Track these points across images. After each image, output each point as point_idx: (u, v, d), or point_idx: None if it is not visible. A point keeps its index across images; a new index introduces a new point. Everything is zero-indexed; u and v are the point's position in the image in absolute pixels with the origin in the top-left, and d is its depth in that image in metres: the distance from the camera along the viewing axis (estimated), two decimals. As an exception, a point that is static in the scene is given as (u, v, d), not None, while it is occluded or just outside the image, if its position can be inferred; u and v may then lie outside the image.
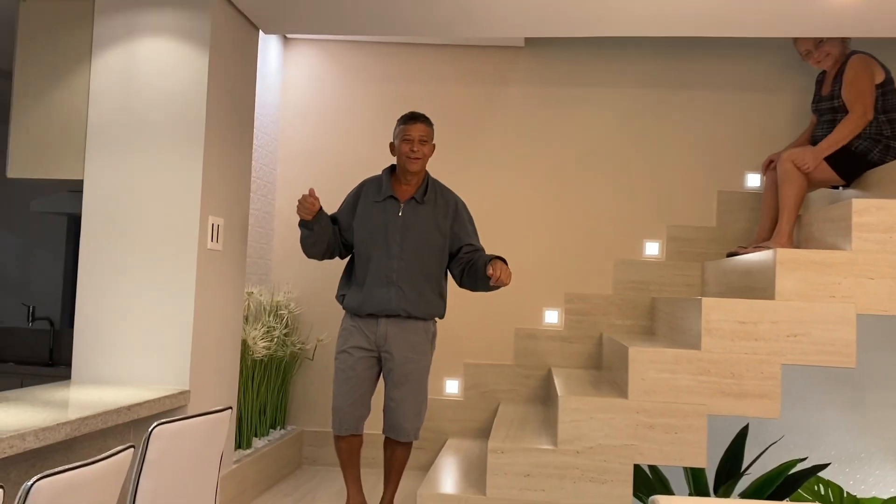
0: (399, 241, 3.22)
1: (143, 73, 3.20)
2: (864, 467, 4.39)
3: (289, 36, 4.83)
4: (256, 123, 4.37)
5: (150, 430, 2.26)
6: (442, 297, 3.35)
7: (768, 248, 3.71)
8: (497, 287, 3.17)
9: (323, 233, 3.23)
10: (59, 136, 3.25)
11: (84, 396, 2.81)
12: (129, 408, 2.70)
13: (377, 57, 4.87)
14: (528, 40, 4.76)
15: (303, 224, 3.21)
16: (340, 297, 3.35)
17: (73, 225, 5.36)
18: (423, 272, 3.25)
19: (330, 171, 4.84)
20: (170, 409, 3.03)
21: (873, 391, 4.42)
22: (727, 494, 3.81)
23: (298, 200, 3.15)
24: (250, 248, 4.34)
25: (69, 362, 5.21)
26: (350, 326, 3.31)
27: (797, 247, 3.88)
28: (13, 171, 3.24)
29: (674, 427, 3.22)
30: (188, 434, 2.43)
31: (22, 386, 4.99)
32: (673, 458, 3.22)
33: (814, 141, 3.98)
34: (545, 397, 4.61)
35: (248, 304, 4.09)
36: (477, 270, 3.23)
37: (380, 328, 3.25)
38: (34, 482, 1.69)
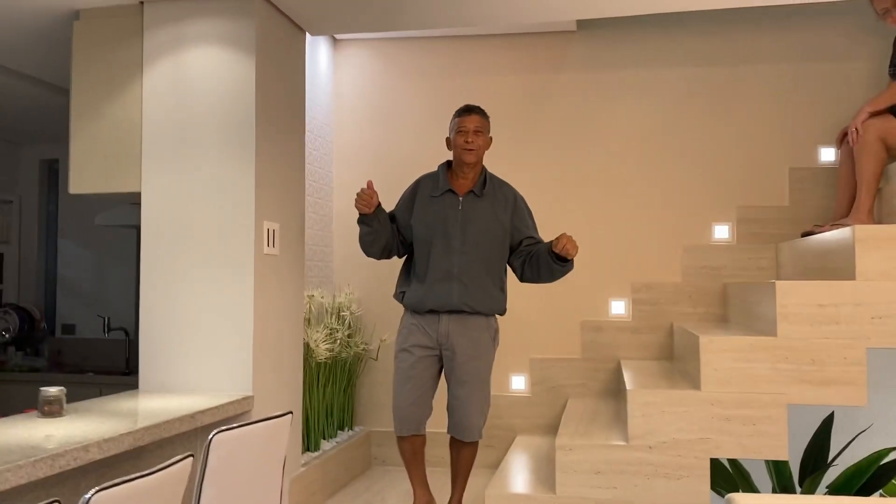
0: (460, 236, 3.15)
1: (192, 82, 3.22)
2: (965, 454, 4.10)
3: (337, 37, 4.82)
4: (309, 127, 4.37)
5: (209, 438, 2.26)
6: (503, 291, 3.26)
7: (847, 225, 3.49)
8: (562, 268, 3.09)
9: (382, 229, 3.17)
10: (116, 150, 3.30)
11: (149, 405, 2.84)
12: (193, 415, 2.72)
13: (426, 52, 4.81)
14: (581, 23, 4.62)
15: (361, 220, 3.16)
16: (400, 295, 3.29)
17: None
18: (485, 266, 3.17)
19: (385, 171, 4.81)
20: (234, 416, 3.04)
21: (971, 373, 4.13)
22: (813, 487, 3.61)
23: (357, 194, 3.10)
24: (310, 251, 4.34)
25: (143, 371, 5.33)
26: (410, 324, 3.24)
27: (878, 223, 3.64)
28: (75, 187, 3.31)
29: (752, 418, 3.06)
30: (248, 441, 2.42)
31: (101, 395, 5.14)
32: (752, 451, 3.06)
33: (892, 110, 3.73)
34: (615, 391, 4.47)
35: (310, 306, 4.09)
36: (539, 259, 3.14)
37: (441, 325, 3.18)
38: (92, 495, 1.69)
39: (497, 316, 3.31)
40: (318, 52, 4.54)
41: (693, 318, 4.42)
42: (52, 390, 2.58)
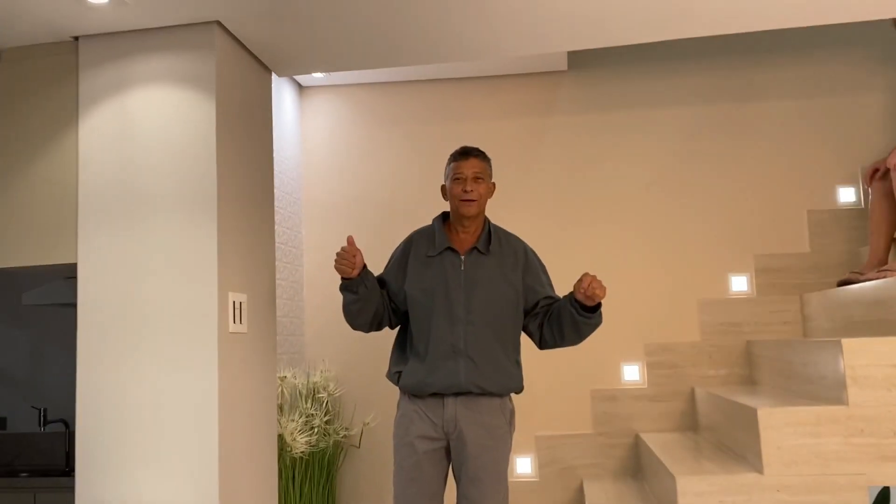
0: (464, 302, 2.61)
1: (139, 130, 2.69)
2: None
3: (303, 84, 4.35)
4: (276, 182, 3.85)
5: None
6: (519, 365, 2.70)
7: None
8: (589, 319, 2.56)
9: (371, 296, 2.63)
10: (47, 215, 2.73)
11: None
12: (144, 549, 2.10)
13: (402, 98, 4.36)
14: (572, 62, 4.24)
15: (345, 286, 2.60)
16: (395, 376, 2.70)
17: (82, 315, 4.83)
18: (496, 337, 2.63)
19: (362, 229, 4.28)
20: (197, 540, 2.42)
21: None
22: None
23: (336, 254, 2.55)
24: (279, 324, 3.77)
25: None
26: (410, 411, 2.65)
27: (931, 266, 3.24)
28: (-5, 260, 2.72)
29: (827, 506, 2.55)
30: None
31: (35, 502, 4.41)
32: (831, 546, 2.55)
33: (928, 140, 3.38)
34: (634, 469, 3.94)
35: (281, 390, 3.50)
36: (561, 315, 2.62)
37: (447, 410, 2.60)
38: None
39: (512, 395, 2.76)
40: (283, 100, 4.06)
41: (715, 382, 3.95)
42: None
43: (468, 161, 2.69)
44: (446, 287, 2.63)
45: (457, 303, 2.61)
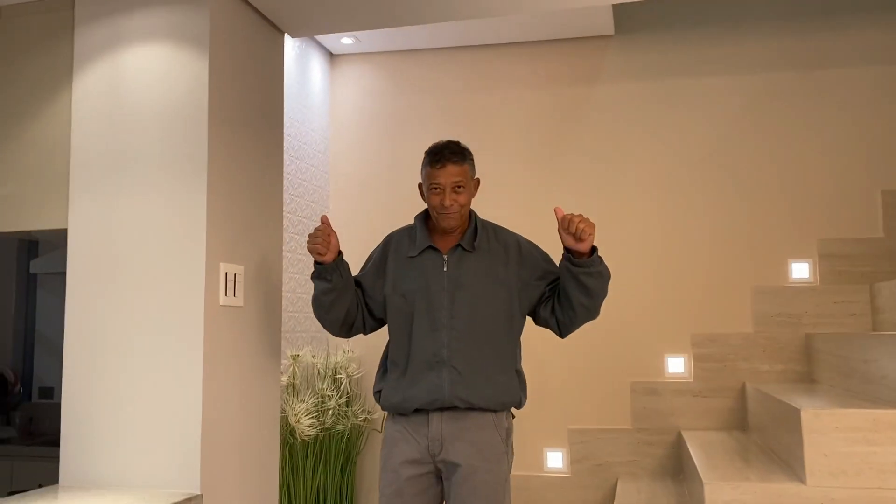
0: (447, 306, 2.30)
1: (130, 90, 2.55)
2: None
3: (334, 52, 4.16)
4: (300, 154, 3.68)
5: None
6: (519, 375, 2.37)
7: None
8: (588, 269, 2.19)
9: (345, 289, 2.36)
10: (40, 179, 2.62)
11: (52, 515, 2.10)
12: (101, 532, 1.96)
13: (437, 66, 4.12)
14: (619, 26, 3.91)
15: (317, 274, 2.35)
16: (377, 395, 2.42)
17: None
18: (487, 344, 2.31)
19: (391, 205, 4.08)
20: (172, 524, 2.27)
21: None
22: None
23: (309, 235, 2.30)
24: (298, 300, 3.60)
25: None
26: (394, 433, 2.36)
27: None
28: (-11, 224, 2.64)
29: (881, 525, 2.21)
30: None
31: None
32: (884, 571, 2.20)
33: None
34: (675, 470, 3.62)
35: (294, 369, 3.33)
36: (564, 282, 2.28)
37: (432, 428, 2.28)
38: None
39: (513, 410, 2.40)
40: (311, 70, 3.88)
41: (770, 377, 3.58)
42: None
43: (445, 169, 2.31)
44: (427, 290, 2.33)
45: (439, 307, 2.31)
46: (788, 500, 2.27)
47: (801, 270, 3.65)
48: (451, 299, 2.31)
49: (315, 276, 2.36)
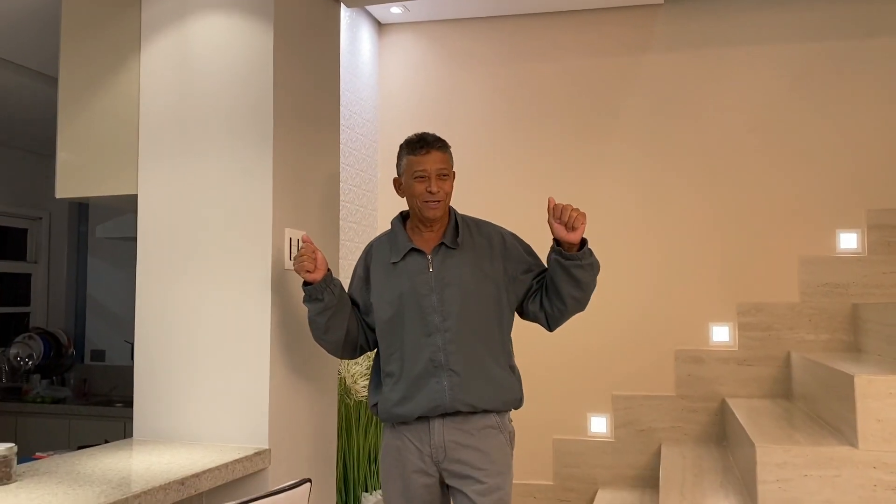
0: (438, 307, 2.22)
1: (198, 59, 2.62)
2: None
3: (383, 21, 4.20)
4: (349, 124, 3.75)
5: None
6: (514, 371, 2.30)
7: None
8: (580, 262, 2.13)
9: (339, 307, 2.27)
10: (110, 146, 2.72)
11: (133, 465, 2.21)
12: (183, 482, 2.07)
13: (485, 35, 4.14)
14: (670, -5, 3.90)
15: (308, 296, 2.26)
16: (374, 408, 2.32)
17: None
18: (482, 342, 2.23)
19: (439, 174, 4.15)
20: (244, 476, 2.38)
21: None
22: None
23: (294, 257, 2.21)
24: (349, 267, 3.69)
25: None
26: (393, 444, 2.27)
27: None
28: (62, 191, 2.74)
29: (932, 489, 2.25)
30: (247, 525, 1.76)
31: (125, 431, 4.61)
32: (934, 533, 2.25)
33: None
34: (718, 436, 3.67)
35: (348, 334, 3.43)
36: (553, 274, 2.21)
37: (434, 435, 2.21)
38: None
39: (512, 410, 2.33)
40: (361, 39, 3.93)
41: (815, 346, 3.61)
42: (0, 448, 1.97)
43: (430, 155, 2.26)
44: (415, 294, 2.24)
45: (430, 310, 2.22)
46: (840, 462, 2.32)
47: (849, 241, 3.65)
48: (441, 300, 2.23)
49: (306, 299, 2.27)
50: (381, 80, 4.25)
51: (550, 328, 2.32)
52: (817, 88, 3.75)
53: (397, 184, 2.33)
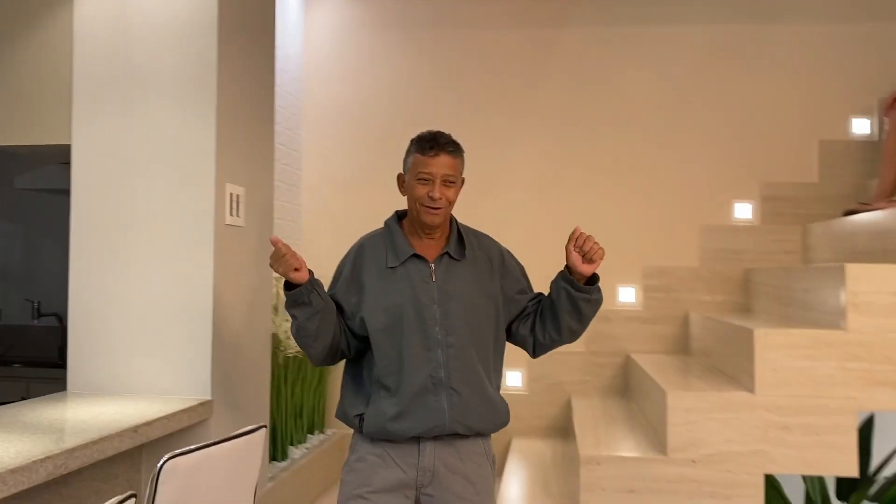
0: (441, 321, 2.04)
1: (137, 6, 2.57)
2: None
3: (310, -20, 4.18)
4: (277, 80, 3.74)
5: (158, 465, 1.66)
6: (499, 392, 2.16)
7: (907, 202, 3.04)
8: (589, 295, 2.06)
9: (326, 308, 2.01)
10: (40, 93, 2.63)
11: (79, 415, 2.22)
12: (136, 429, 2.10)
13: (411, 2, 4.20)
14: (590, -28, 4.08)
15: (293, 301, 1.97)
16: (356, 419, 2.07)
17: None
18: (480, 361, 2.08)
19: (362, 134, 4.20)
20: (188, 427, 2.43)
21: None
22: (859, 502, 3.17)
23: (272, 256, 1.96)
24: (275, 226, 3.72)
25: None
26: (371, 457, 2.05)
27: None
28: (-14, 138, 2.65)
29: (815, 428, 2.57)
30: (212, 467, 1.82)
31: (28, 392, 4.45)
32: (815, 466, 2.58)
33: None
34: (622, 388, 3.97)
35: (276, 291, 3.47)
36: (556, 302, 2.10)
37: (424, 458, 2.03)
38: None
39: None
40: (288, -4, 3.90)
41: (711, 307, 3.94)
42: (-56, 398, 1.94)
43: (438, 158, 2.04)
44: (417, 303, 2.05)
45: (432, 322, 2.04)
46: (740, 406, 2.61)
47: (744, 211, 3.99)
48: (445, 313, 2.05)
49: (292, 305, 1.99)
50: (306, 37, 4.24)
51: (535, 355, 2.21)
52: (719, 69, 4.04)
53: (401, 181, 2.13)
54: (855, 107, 3.95)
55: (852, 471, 2.56)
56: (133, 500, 1.50)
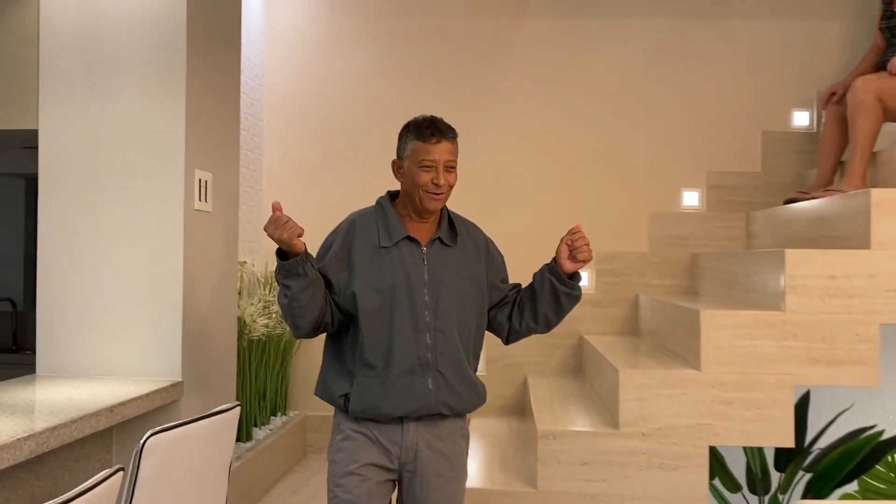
0: (431, 304, 2.08)
1: (106, -6, 2.60)
2: (928, 431, 3.99)
3: (271, -34, 4.21)
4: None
5: (141, 442, 1.73)
6: (475, 372, 2.22)
7: (841, 190, 3.24)
8: (571, 290, 2.15)
9: (318, 279, 2.03)
10: (5, 78, 2.64)
11: (52, 396, 2.26)
12: (112, 409, 2.16)
13: (373, -11, 4.27)
14: (547, -35, 4.19)
15: (287, 271, 1.98)
16: (342, 399, 2.11)
17: (33, 188, 4.71)
18: (463, 345, 2.13)
19: (323, 120, 4.25)
20: (160, 407, 2.49)
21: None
22: (795, 472, 3.39)
23: (270, 220, 1.96)
24: (244, 211, 3.76)
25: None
26: (356, 434, 2.11)
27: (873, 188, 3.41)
28: (-51, 122, 2.64)
29: (756, 402, 2.76)
30: (190, 443, 1.90)
31: (-17, 376, 4.41)
32: (756, 437, 2.76)
33: (882, 66, 3.50)
34: (576, 368, 4.14)
35: (242, 275, 3.53)
36: (537, 293, 2.18)
37: (407, 437, 2.10)
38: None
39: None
40: (250, -19, 3.93)
41: (659, 290, 4.13)
42: (-79, 380, 1.97)
43: (440, 145, 2.08)
44: (409, 286, 2.09)
45: (422, 305, 2.08)
46: (687, 382, 2.78)
47: (691, 199, 4.18)
48: (435, 297, 2.09)
49: (285, 276, 1.99)
50: (268, 23, 4.26)
51: (507, 341, 2.28)
52: (669, 62, 4.20)
53: (396, 167, 2.14)
54: (796, 100, 4.16)
55: (789, 442, 2.75)
56: (121, 473, 1.57)
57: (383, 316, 2.07)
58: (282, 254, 2.00)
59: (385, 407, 2.06)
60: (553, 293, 2.14)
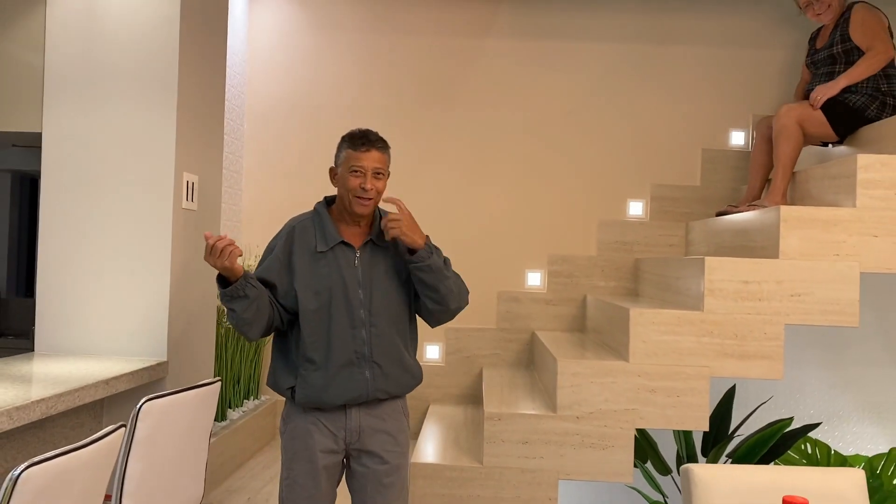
0: (365, 303, 2.30)
1: (106, 8, 2.90)
2: (843, 425, 4.42)
3: (255, -19, 4.51)
4: (224, 75, 4.07)
5: (138, 406, 2.05)
6: (415, 354, 2.48)
7: (763, 206, 3.63)
8: (419, 263, 2.29)
9: (261, 296, 2.22)
10: (11, 84, 2.92)
11: (53, 370, 2.56)
12: (108, 381, 2.47)
13: (348, 6, 4.59)
14: (510, -10, 4.55)
15: (230, 295, 2.17)
16: (289, 391, 2.33)
17: (19, 183, 4.98)
18: (399, 335, 2.36)
19: (301, 126, 4.57)
20: (147, 383, 2.80)
21: (852, 348, 4.43)
22: (718, 456, 3.78)
23: (206, 252, 2.13)
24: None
25: (20, 334, 4.88)
26: (306, 425, 2.31)
27: (792, 205, 3.81)
28: (-40, 123, 2.93)
29: (676, 390, 3.13)
30: (178, 410, 2.22)
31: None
32: (675, 422, 3.14)
33: (806, 96, 3.90)
34: (528, 361, 4.50)
35: (221, 268, 3.84)
36: (418, 279, 2.34)
37: (350, 421, 2.32)
38: (23, 470, 1.48)
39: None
40: (234, -4, 4.23)
41: (605, 291, 4.50)
42: (-58, 352, 2.26)
43: (369, 154, 2.28)
44: (344, 287, 2.28)
45: (357, 304, 2.28)
46: (616, 372, 3.14)
47: (636, 208, 4.56)
48: (368, 296, 2.30)
49: (229, 300, 2.18)
50: (250, 35, 4.57)
51: (431, 325, 2.47)
52: (618, 83, 4.58)
53: (333, 173, 2.35)
54: (733, 121, 4.56)
55: (704, 426, 3.13)
56: (122, 429, 1.89)
57: (322, 315, 2.26)
58: (221, 279, 2.19)
59: (327, 397, 2.26)
60: (413, 274, 2.31)
